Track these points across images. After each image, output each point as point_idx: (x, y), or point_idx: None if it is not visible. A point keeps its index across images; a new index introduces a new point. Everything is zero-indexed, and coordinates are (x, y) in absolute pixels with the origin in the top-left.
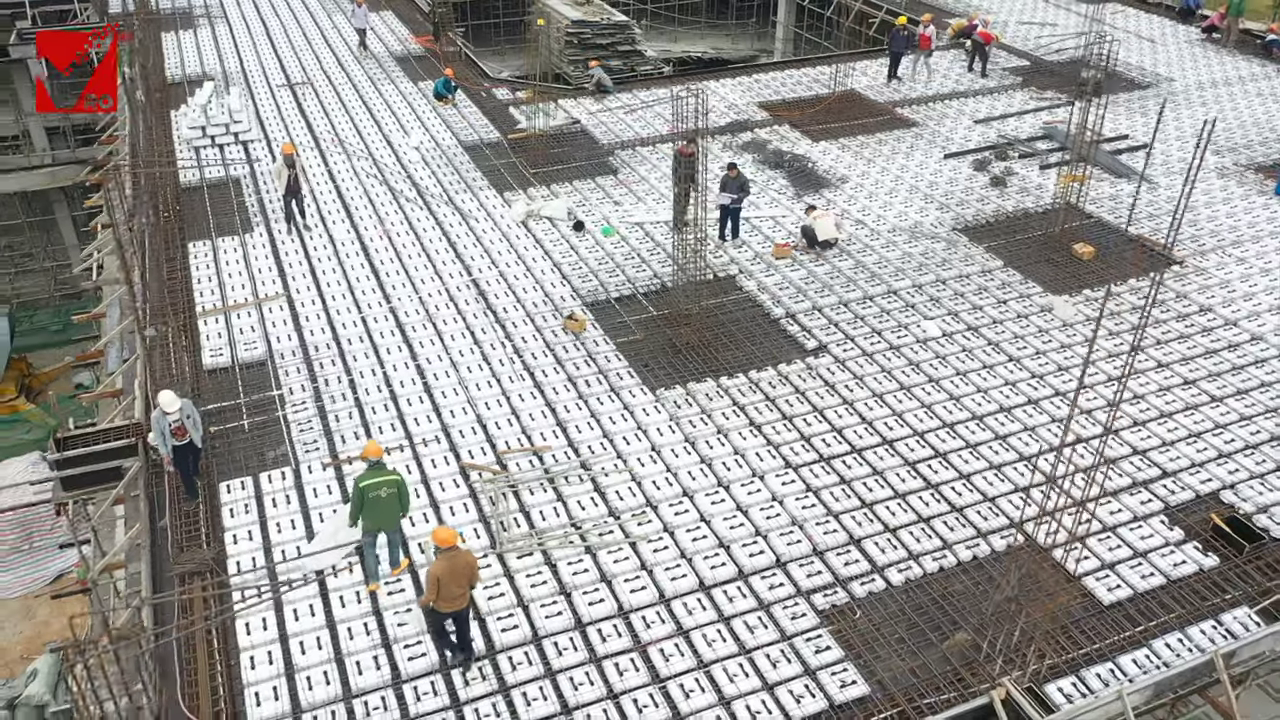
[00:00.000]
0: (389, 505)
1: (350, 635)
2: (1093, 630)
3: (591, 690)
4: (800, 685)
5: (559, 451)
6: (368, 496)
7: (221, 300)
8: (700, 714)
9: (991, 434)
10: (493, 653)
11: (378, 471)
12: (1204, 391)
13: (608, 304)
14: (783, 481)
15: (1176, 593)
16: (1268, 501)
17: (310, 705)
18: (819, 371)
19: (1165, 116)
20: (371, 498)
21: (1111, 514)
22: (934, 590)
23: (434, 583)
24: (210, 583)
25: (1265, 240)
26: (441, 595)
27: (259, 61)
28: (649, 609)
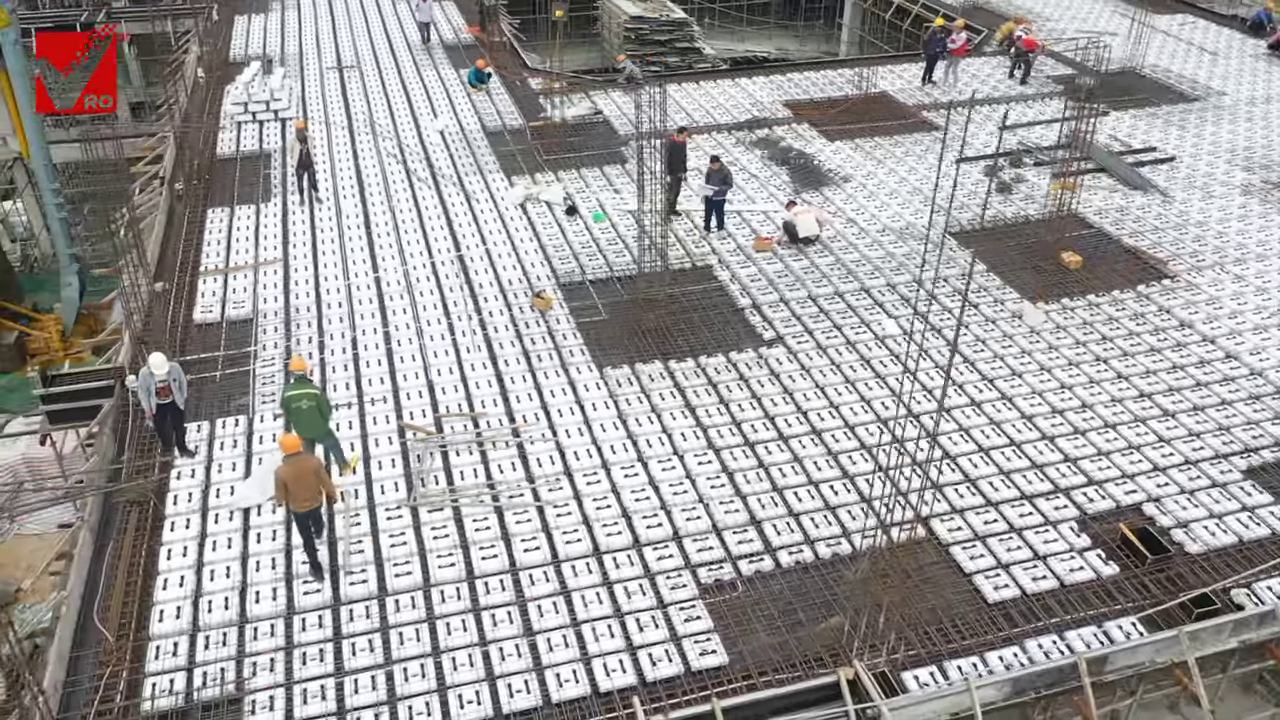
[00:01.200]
0: (310, 415)
1: (257, 568)
2: (970, 626)
3: (464, 636)
4: (661, 650)
5: (495, 418)
6: (290, 408)
7: (226, 262)
8: (559, 667)
9: (922, 432)
10: (382, 595)
11: (299, 385)
12: (1157, 405)
13: (582, 285)
14: (699, 462)
15: (1065, 597)
16: (1189, 517)
17: (205, 626)
18: (768, 361)
19: (1205, 131)
20: (294, 408)
21: (1021, 516)
22: (821, 575)
23: (281, 486)
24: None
25: (1271, 260)
26: (291, 496)
27: (317, 45)
28: (538, 568)
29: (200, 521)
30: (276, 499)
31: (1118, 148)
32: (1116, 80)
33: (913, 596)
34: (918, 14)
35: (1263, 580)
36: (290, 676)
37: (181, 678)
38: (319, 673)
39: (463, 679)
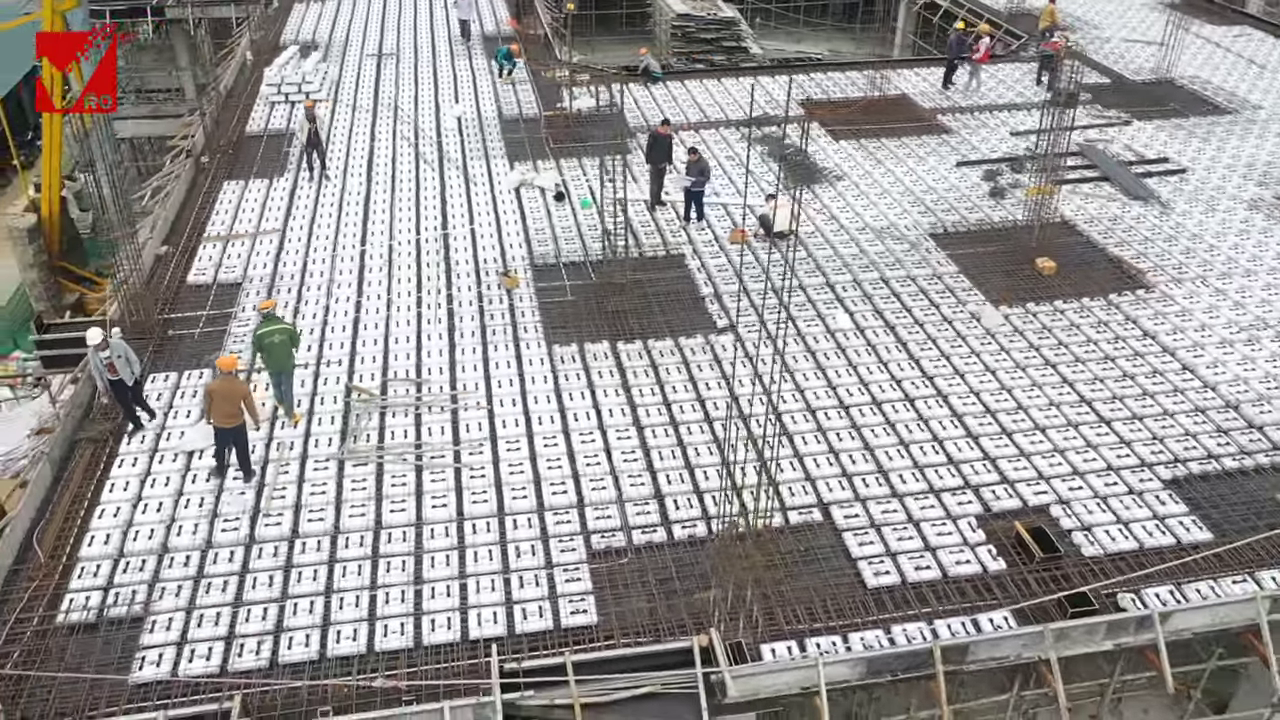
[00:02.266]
0: (282, 348)
1: (185, 505)
2: (843, 608)
3: (356, 580)
4: (535, 606)
5: (437, 385)
6: (263, 343)
7: (230, 229)
8: (437, 614)
9: (848, 422)
10: (292, 537)
11: (270, 322)
12: (1094, 412)
13: (555, 268)
14: (619, 437)
15: (944, 588)
16: (1094, 521)
17: (128, 553)
18: (714, 347)
19: (1229, 144)
20: (266, 344)
21: (923, 508)
22: (708, 550)
23: (209, 397)
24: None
25: (1258, 275)
26: (215, 410)
27: (364, 34)
28: (440, 524)
29: (147, 461)
30: (204, 409)
31: (1130, 157)
32: (1151, 90)
33: (765, 577)
34: (963, 17)
35: (1155, 586)
36: (193, 603)
37: (97, 596)
38: (218, 601)
39: (346, 617)
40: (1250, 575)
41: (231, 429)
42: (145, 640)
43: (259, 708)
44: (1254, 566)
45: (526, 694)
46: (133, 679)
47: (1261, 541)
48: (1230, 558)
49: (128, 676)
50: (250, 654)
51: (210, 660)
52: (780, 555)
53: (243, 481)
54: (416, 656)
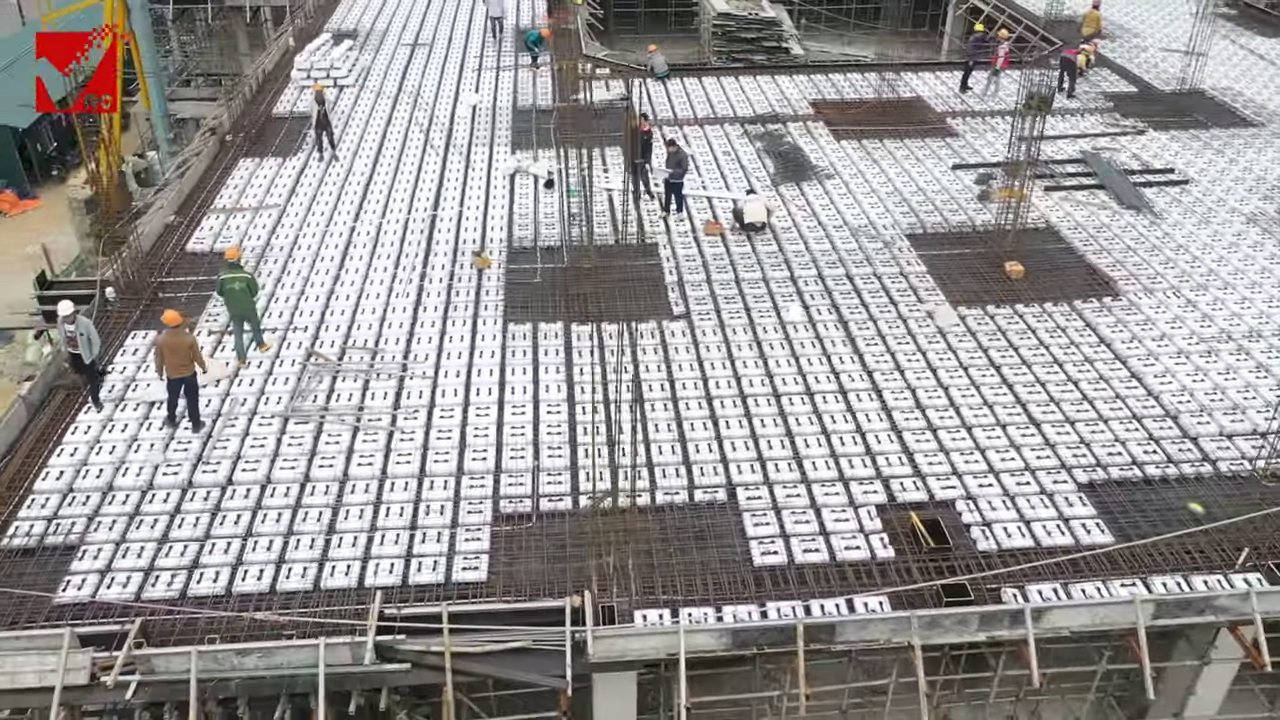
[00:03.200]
0: (241, 295)
1: (136, 449)
2: (721, 583)
3: (275, 527)
4: (432, 561)
5: (392, 353)
6: (225, 288)
7: (234, 203)
8: (339, 561)
9: (775, 409)
10: (225, 485)
11: (231, 270)
12: (1026, 414)
13: (531, 250)
14: (548, 410)
15: (827, 572)
16: (996, 518)
17: (76, 489)
18: (665, 333)
19: (1244, 157)
20: (227, 289)
21: (825, 495)
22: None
23: (157, 350)
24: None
25: (1235, 289)
26: (166, 363)
27: (404, 24)
28: (363, 481)
29: (112, 409)
30: (155, 366)
31: (1135, 166)
32: (1177, 100)
33: (628, 549)
34: (1002, 22)
35: (1043, 583)
36: (123, 537)
37: (40, 525)
38: (145, 537)
39: (256, 559)
40: (1143, 580)
41: (182, 379)
42: (74, 567)
43: (158, 633)
44: (1148, 572)
45: (399, 638)
46: (56, 599)
47: (1161, 548)
48: (1126, 562)
49: (52, 596)
50: (164, 585)
51: (126, 588)
52: (654, 531)
53: (192, 431)
54: (313, 598)
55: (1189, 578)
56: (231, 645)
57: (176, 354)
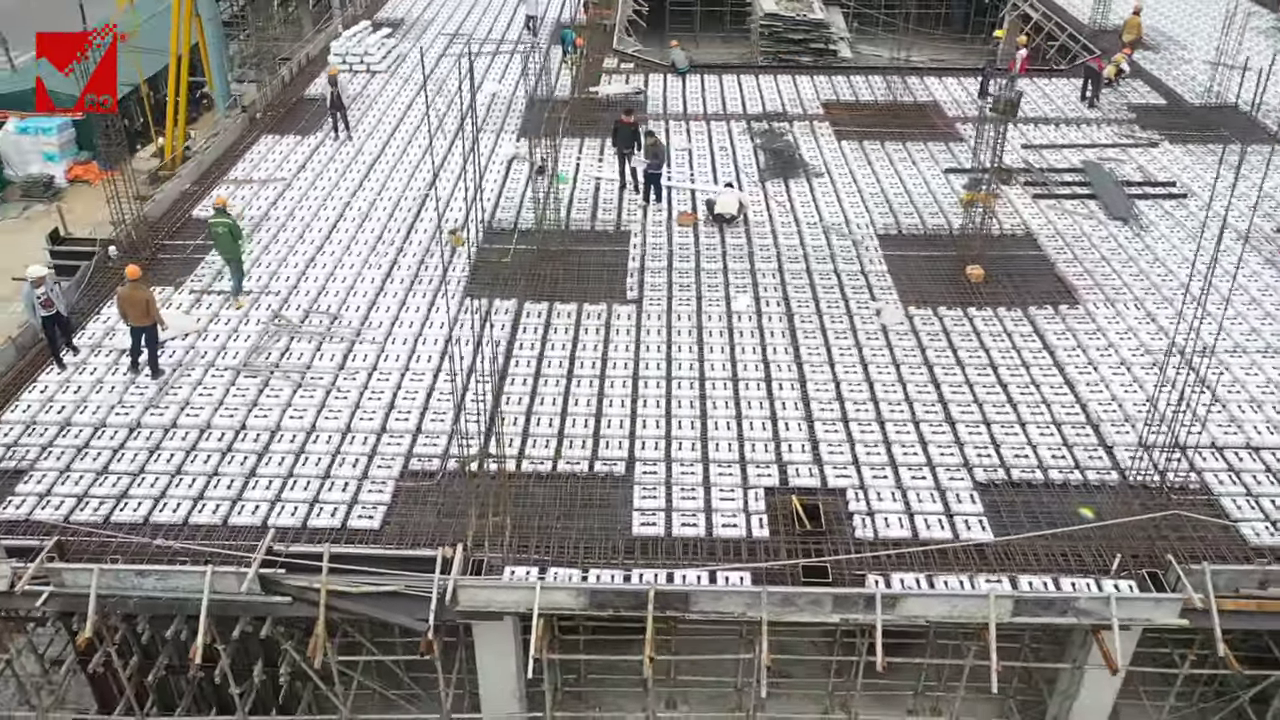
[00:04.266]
0: (225, 239)
1: (98, 390)
2: (595, 547)
3: (203, 468)
4: (333, 508)
5: (352, 320)
6: (212, 231)
7: (246, 175)
8: (250, 502)
9: (697, 392)
10: (170, 426)
11: (219, 215)
12: (944, 413)
13: (508, 232)
14: (477, 380)
15: (700, 545)
16: (882, 509)
17: (39, 422)
18: (612, 316)
19: (1257, 174)
20: (213, 232)
21: (719, 474)
22: (520, 484)
23: (119, 300)
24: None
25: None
26: (126, 313)
27: (450, 16)
28: (290, 432)
29: (88, 353)
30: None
31: (1138, 178)
32: (1207, 114)
33: (508, 510)
34: (1048, 31)
35: (912, 573)
36: (69, 467)
37: (1, 450)
38: (88, 468)
39: (179, 494)
40: (1011, 578)
41: (142, 329)
42: (19, 489)
43: (75, 551)
44: (1020, 571)
45: (279, 571)
46: None
47: (1038, 549)
48: (999, 560)
49: None
50: (90, 510)
51: (59, 510)
52: (548, 496)
53: (151, 378)
54: (217, 532)
55: (1059, 579)
56: (131, 566)
57: (134, 306)
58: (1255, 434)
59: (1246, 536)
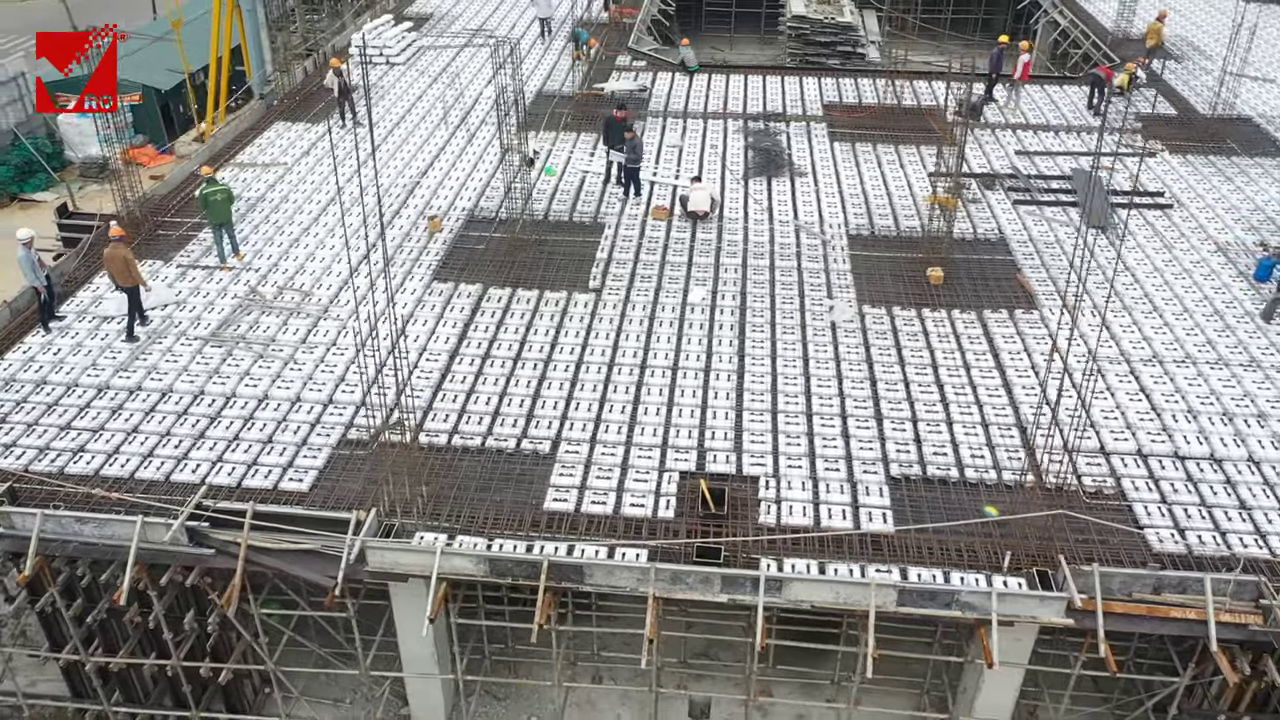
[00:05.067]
0: (222, 204)
1: (76, 353)
2: (504, 519)
3: (157, 426)
4: (268, 469)
5: (319, 297)
6: (208, 200)
7: (251, 159)
8: (191, 461)
9: (634, 379)
10: (134, 389)
11: (212, 184)
12: (875, 409)
13: (489, 220)
14: (428, 360)
15: (606, 522)
16: (789, 497)
17: (17, 379)
18: (571, 304)
19: (1255, 188)
20: (210, 201)
21: (638, 457)
22: (448, 457)
23: (105, 259)
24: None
25: (1160, 314)
26: (110, 271)
27: (477, 11)
28: (243, 399)
29: (74, 319)
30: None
31: (1126, 187)
32: (1217, 126)
33: (423, 479)
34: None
35: (805, 559)
36: (36, 422)
37: None
38: (54, 423)
39: (131, 450)
40: (902, 569)
41: (126, 288)
42: None
43: (26, 496)
44: (913, 563)
45: (203, 524)
46: None
47: (933, 543)
48: (892, 551)
49: None
50: (47, 461)
51: (20, 460)
52: (472, 469)
53: (125, 340)
54: (158, 487)
55: (950, 574)
56: (72, 513)
57: (114, 263)
58: (1184, 443)
59: (1150, 542)
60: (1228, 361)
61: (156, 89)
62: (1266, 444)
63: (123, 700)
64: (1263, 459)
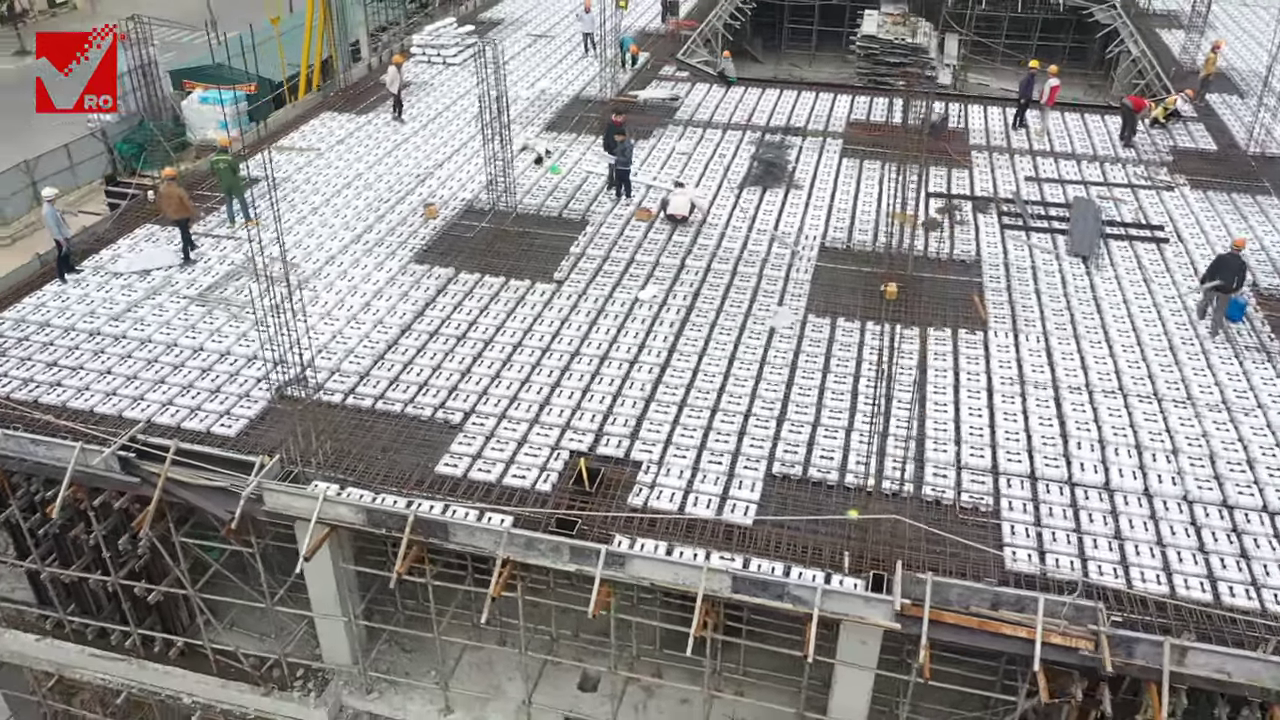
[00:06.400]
0: (226, 172)
1: (80, 302)
2: (394, 478)
3: (126, 370)
4: (207, 415)
5: (304, 269)
6: (215, 167)
7: (293, 144)
8: (143, 403)
9: (561, 363)
10: (120, 338)
11: (222, 154)
12: (779, 412)
13: (483, 212)
14: (381, 331)
15: (486, 489)
16: (663, 483)
17: (26, 320)
18: (530, 292)
19: (1261, 226)
20: (217, 168)
21: (538, 435)
22: (367, 418)
23: (159, 198)
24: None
25: (1110, 344)
26: (164, 208)
27: (545, 18)
28: (207, 352)
29: (90, 273)
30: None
31: (1129, 219)
32: (1254, 163)
33: (328, 435)
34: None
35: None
36: (30, 357)
37: None
38: (43, 358)
39: (97, 388)
40: (745, 558)
41: (179, 219)
42: None
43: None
44: (757, 555)
45: (130, 454)
46: None
47: (785, 539)
48: (741, 541)
49: None
50: (25, 392)
51: (5, 388)
52: (387, 432)
53: (184, 262)
54: (108, 421)
55: (791, 567)
56: (29, 435)
57: (170, 200)
58: (1079, 471)
59: (1005, 560)
60: (1161, 396)
61: (270, 80)
62: (1166, 478)
63: (78, 611)
64: (1156, 492)
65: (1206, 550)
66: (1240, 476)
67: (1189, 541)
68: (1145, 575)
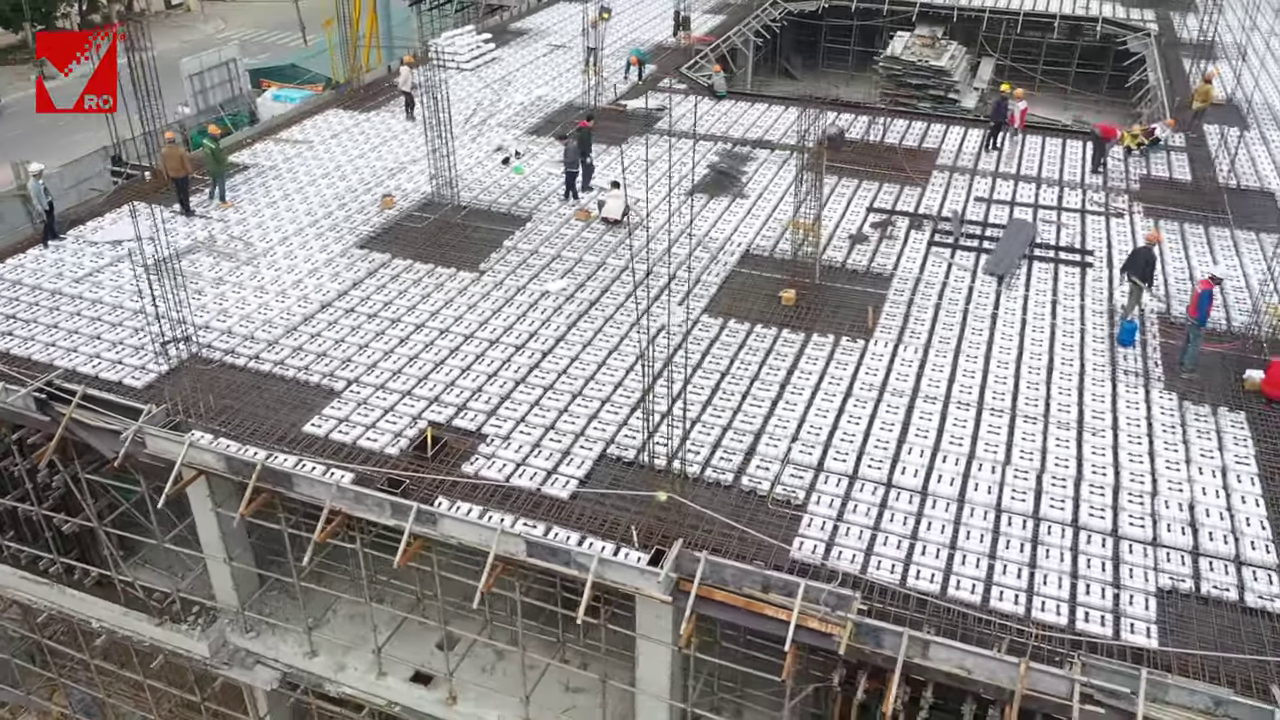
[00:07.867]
0: (210, 159)
1: (75, 268)
2: (266, 432)
3: (93, 330)
4: (123, 369)
5: (258, 248)
6: (204, 151)
7: (290, 137)
8: (120, 350)
9: (453, 344)
10: (78, 309)
11: (211, 140)
12: (635, 400)
13: (441, 205)
14: (300, 304)
15: (338, 449)
16: (504, 456)
17: (15, 280)
18: (451, 279)
19: (1209, 256)
20: (204, 150)
21: (405, 405)
22: (256, 380)
23: (162, 158)
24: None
25: (986, 362)
26: (166, 167)
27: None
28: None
29: (72, 241)
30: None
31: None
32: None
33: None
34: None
35: (499, 514)
36: (13, 315)
37: None
38: (24, 315)
39: (43, 340)
40: (548, 527)
41: (178, 178)
42: None
43: None
44: (565, 525)
45: (46, 399)
46: None
47: (600, 515)
48: (560, 516)
49: None
50: None
51: None
52: (273, 395)
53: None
54: (38, 367)
55: (585, 538)
56: None
57: (171, 159)
58: (900, 475)
59: (790, 549)
60: (1017, 413)
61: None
62: (983, 487)
63: (14, 539)
64: (970, 499)
65: (997, 557)
66: (1060, 491)
67: (979, 547)
68: (921, 574)
